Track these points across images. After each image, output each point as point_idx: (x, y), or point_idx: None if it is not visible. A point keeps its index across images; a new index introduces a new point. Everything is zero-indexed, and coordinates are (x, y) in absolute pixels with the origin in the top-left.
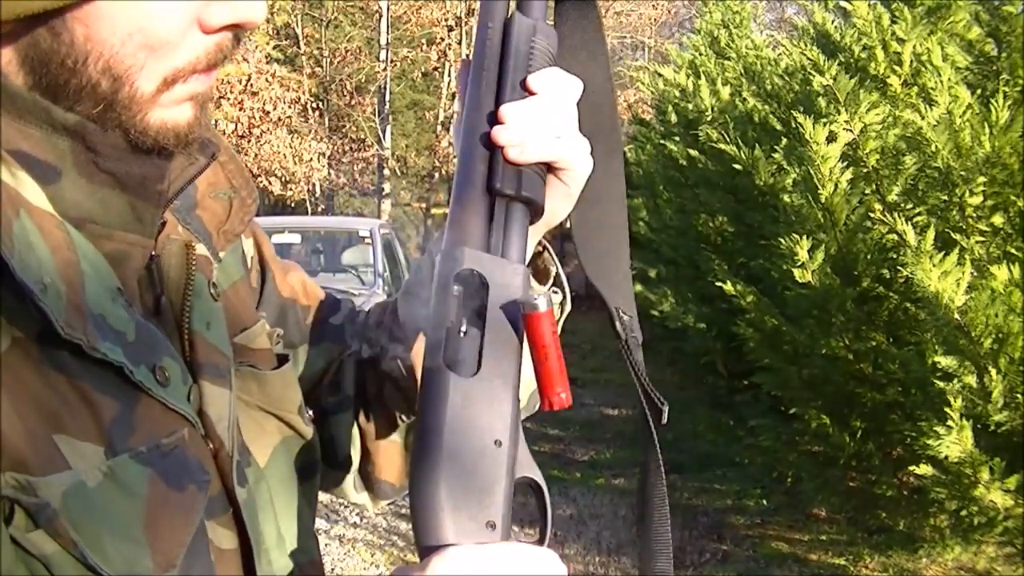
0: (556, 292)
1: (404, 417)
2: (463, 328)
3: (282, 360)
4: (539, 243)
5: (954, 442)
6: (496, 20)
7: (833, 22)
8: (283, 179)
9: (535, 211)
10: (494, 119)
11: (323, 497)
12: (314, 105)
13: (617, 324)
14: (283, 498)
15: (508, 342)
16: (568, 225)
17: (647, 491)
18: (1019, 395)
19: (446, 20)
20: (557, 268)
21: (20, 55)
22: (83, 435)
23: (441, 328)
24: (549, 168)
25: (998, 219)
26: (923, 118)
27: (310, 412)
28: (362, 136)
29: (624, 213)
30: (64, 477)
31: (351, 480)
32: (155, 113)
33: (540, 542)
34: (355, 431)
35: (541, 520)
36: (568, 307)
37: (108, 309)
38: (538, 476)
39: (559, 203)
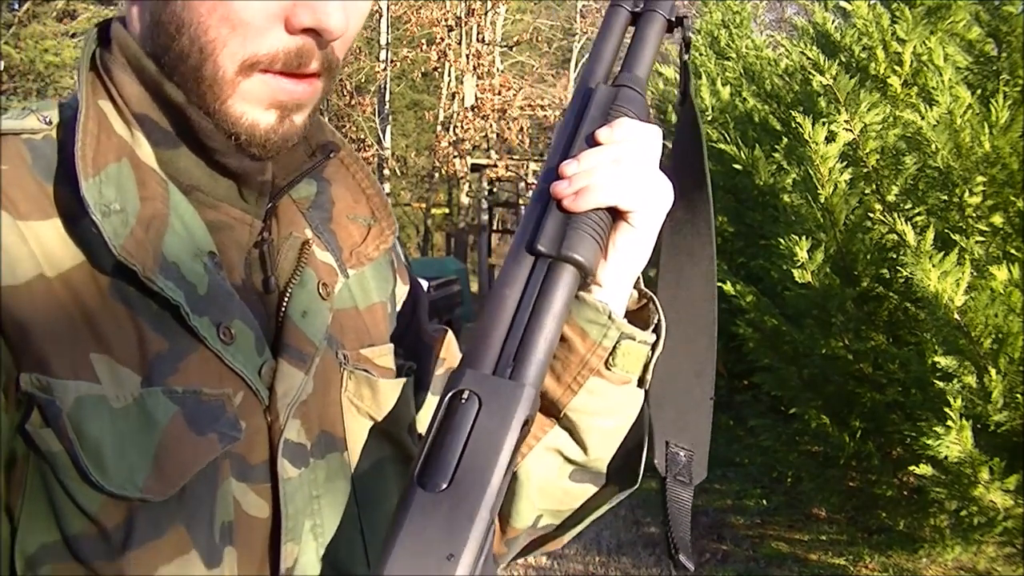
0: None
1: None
2: (444, 444)
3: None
4: (638, 292)
5: (954, 442)
6: (582, 90)
7: (833, 22)
8: None
9: (583, 271)
10: (554, 175)
11: None
12: None
13: (658, 459)
14: (367, 509)
15: (487, 461)
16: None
17: None
18: (1019, 395)
19: (446, 20)
20: (659, 316)
21: (145, 15)
22: (126, 361)
23: (424, 440)
24: (617, 213)
25: (998, 219)
26: (923, 118)
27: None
28: (362, 136)
29: (712, 332)
30: (83, 386)
31: None
32: (237, 103)
33: None
34: None
35: None
36: (660, 348)
37: (185, 262)
38: None
39: (632, 247)
